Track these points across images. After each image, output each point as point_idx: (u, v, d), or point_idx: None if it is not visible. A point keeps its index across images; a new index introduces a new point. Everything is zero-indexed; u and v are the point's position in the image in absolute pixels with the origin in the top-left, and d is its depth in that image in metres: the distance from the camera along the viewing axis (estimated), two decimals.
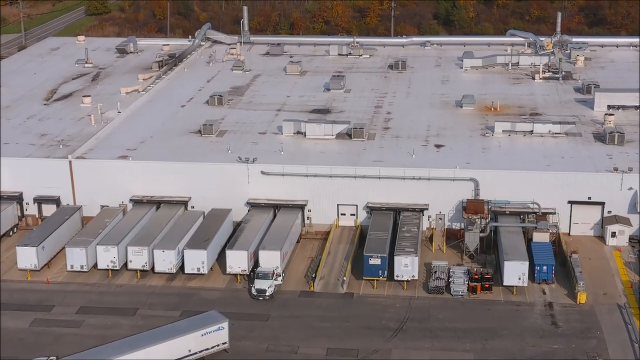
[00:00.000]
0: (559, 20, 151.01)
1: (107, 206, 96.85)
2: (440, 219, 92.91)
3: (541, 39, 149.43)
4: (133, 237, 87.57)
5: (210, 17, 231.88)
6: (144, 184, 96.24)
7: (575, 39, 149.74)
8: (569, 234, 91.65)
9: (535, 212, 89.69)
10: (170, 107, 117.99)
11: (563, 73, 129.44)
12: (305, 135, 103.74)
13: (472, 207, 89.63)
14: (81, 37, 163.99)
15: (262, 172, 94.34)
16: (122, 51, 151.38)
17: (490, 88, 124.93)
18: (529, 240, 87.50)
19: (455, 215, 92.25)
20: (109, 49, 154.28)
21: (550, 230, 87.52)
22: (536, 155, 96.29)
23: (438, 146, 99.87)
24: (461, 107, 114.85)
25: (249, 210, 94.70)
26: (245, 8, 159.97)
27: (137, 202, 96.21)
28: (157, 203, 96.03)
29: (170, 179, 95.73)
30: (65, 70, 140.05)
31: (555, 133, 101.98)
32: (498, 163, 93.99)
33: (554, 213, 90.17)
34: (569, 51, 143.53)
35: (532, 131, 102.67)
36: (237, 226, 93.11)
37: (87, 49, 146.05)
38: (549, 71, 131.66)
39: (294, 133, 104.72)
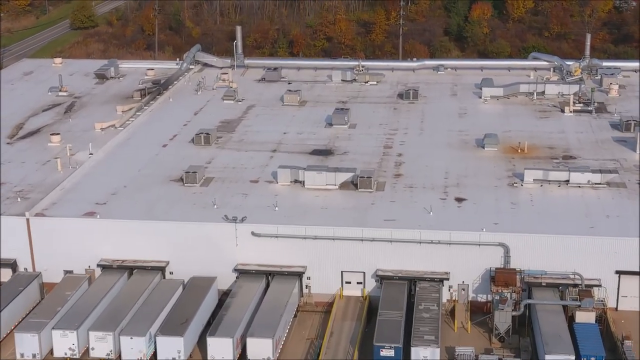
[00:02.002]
0: (587, 42, 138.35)
1: (71, 272, 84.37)
2: (464, 289, 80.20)
3: (568, 63, 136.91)
4: (97, 319, 74.83)
5: (203, 32, 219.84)
6: (115, 246, 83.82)
7: (605, 63, 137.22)
8: (616, 308, 78.81)
9: (577, 285, 76.94)
10: (150, 147, 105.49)
11: (596, 104, 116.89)
12: (303, 185, 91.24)
13: (501, 278, 77.03)
14: (58, 60, 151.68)
15: (253, 234, 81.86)
16: (101, 76, 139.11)
17: (514, 123, 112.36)
18: (569, 318, 74.82)
19: (481, 285, 79.63)
20: (87, 74, 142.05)
21: (596, 306, 74.95)
22: (576, 213, 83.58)
23: (459, 200, 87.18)
24: (483, 147, 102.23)
25: (237, 278, 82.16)
26: (238, 28, 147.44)
27: (106, 267, 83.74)
28: (130, 269, 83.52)
29: (145, 241, 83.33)
30: (36, 100, 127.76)
31: (596, 183, 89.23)
32: (531, 224, 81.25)
33: (599, 285, 77.39)
34: (599, 77, 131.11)
35: (568, 181, 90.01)
36: (223, 296, 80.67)
37: (60, 75, 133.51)
38: (579, 102, 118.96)
39: (290, 182, 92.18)
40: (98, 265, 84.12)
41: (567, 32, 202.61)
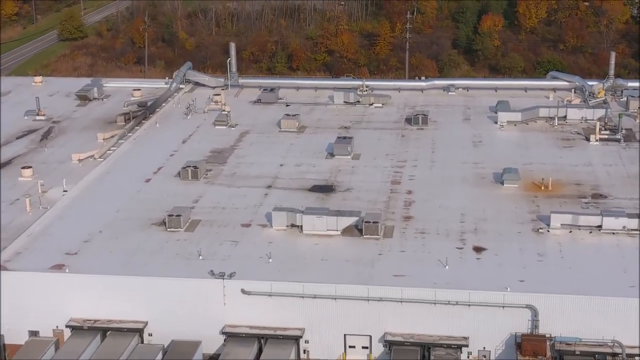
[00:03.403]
0: (612, 61, 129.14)
1: (37, 333, 75.36)
2: (485, 356, 70.99)
3: (590, 83, 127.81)
4: None
5: (197, 44, 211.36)
6: (86, 304, 75.03)
7: (631, 84, 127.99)
8: None
9: (616, 354, 67.80)
10: (131, 182, 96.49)
11: (623, 132, 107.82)
12: (301, 230, 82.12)
13: (529, 346, 68.09)
14: (38, 78, 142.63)
15: (243, 291, 72.94)
16: (83, 98, 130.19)
17: (535, 154, 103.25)
18: None
19: (504, 353, 70.65)
20: (69, 94, 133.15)
21: None
22: (612, 267, 74.52)
23: (478, 250, 78.03)
24: (502, 184, 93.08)
25: (225, 342, 73.12)
26: (232, 45, 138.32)
27: (76, 328, 74.75)
28: (103, 330, 74.55)
29: (121, 298, 74.37)
30: (11, 125, 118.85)
31: (632, 230, 80.00)
32: (562, 281, 72.12)
33: None
34: (624, 99, 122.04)
35: (600, 226, 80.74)
36: None
37: (38, 98, 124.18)
38: (605, 128, 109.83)
39: (287, 226, 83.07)
40: (67, 326, 75.19)
41: (584, 45, 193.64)
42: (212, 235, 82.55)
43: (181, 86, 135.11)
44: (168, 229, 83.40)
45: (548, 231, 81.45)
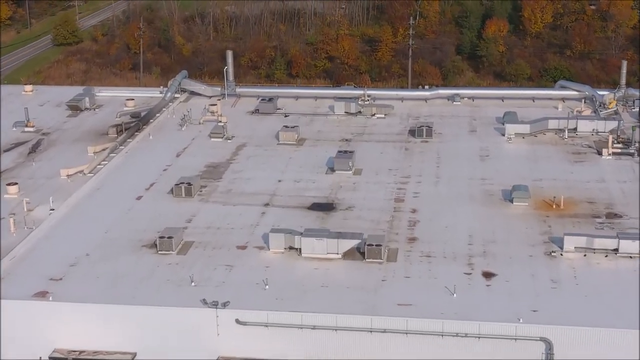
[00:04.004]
0: (623, 70, 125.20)
1: None
2: None
3: (600, 93, 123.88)
4: None
5: (194, 50, 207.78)
6: (71, 334, 70.97)
7: None
8: None
9: None
10: (121, 200, 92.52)
11: (637, 145, 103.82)
12: (300, 253, 78.13)
13: None
14: (28, 87, 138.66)
15: (238, 321, 68.89)
16: (74, 108, 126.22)
17: (545, 169, 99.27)
18: None
19: None
20: (59, 104, 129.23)
21: None
22: (631, 295, 70.46)
23: (488, 275, 74.01)
24: (511, 202, 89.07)
25: None
26: (229, 53, 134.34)
27: None
28: None
29: (108, 328, 70.38)
30: None
31: None
32: (578, 311, 68.17)
33: None
34: (636, 109, 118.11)
35: (617, 250, 76.67)
36: None
37: (27, 109, 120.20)
38: (618, 141, 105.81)
39: (284, 249, 79.06)
40: (51, 358, 71.21)
41: (591, 51, 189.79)
42: (205, 258, 78.56)
43: (176, 95, 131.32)
44: (159, 252, 79.44)
45: (561, 254, 77.43)
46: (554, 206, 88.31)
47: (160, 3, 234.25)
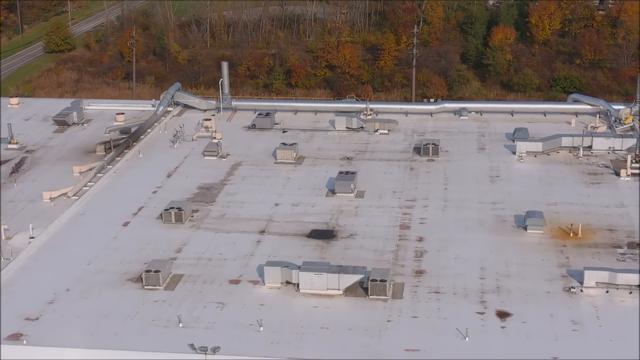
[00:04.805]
0: (639, 83, 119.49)
1: None
2: None
3: (615, 107, 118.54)
4: None
5: (190, 58, 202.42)
6: None
7: None
8: None
9: None
10: (107, 226, 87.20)
11: None
12: (297, 289, 72.70)
13: None
14: (14, 100, 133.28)
15: None
16: (61, 123, 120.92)
17: (560, 192, 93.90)
18: None
19: None
20: (46, 118, 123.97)
21: None
22: None
23: (502, 315, 68.58)
24: (525, 229, 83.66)
25: None
26: (224, 65, 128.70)
27: None
28: None
29: None
30: None
31: None
32: (602, 356, 62.41)
33: None
34: None
35: None
36: None
37: (10, 125, 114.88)
38: (636, 161, 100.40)
39: (281, 283, 73.64)
40: None
41: (602, 59, 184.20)
42: (195, 294, 73.14)
43: (169, 109, 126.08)
44: (145, 287, 74.01)
45: (581, 291, 72.03)
46: (571, 234, 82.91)
47: (155, 8, 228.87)
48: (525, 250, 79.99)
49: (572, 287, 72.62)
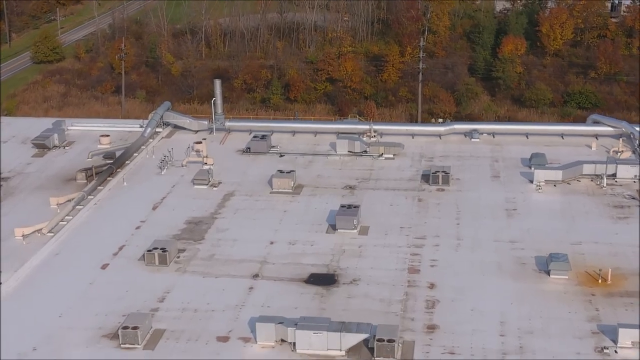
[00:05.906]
0: None
1: None
2: None
3: (638, 128, 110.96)
4: None
5: (184, 70, 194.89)
6: None
7: None
8: None
9: None
10: (83, 270, 79.77)
11: None
12: (294, 348, 65.12)
13: None
14: None
15: None
16: (41, 146, 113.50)
17: (584, 229, 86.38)
18: None
19: None
20: (25, 140, 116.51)
21: None
22: None
23: None
24: (548, 274, 76.09)
25: None
26: (217, 82, 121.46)
27: None
28: None
29: None
30: None
31: None
32: None
33: None
34: None
35: None
36: None
37: None
38: None
39: (275, 342, 66.08)
40: None
41: (618, 72, 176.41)
42: (178, 354, 65.71)
43: (158, 130, 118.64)
44: (122, 346, 66.45)
45: (615, 352, 64.48)
46: (600, 280, 75.31)
47: (148, 16, 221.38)
48: (549, 301, 72.38)
49: (605, 348, 65.00)
